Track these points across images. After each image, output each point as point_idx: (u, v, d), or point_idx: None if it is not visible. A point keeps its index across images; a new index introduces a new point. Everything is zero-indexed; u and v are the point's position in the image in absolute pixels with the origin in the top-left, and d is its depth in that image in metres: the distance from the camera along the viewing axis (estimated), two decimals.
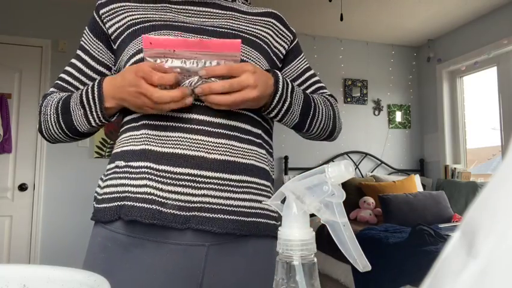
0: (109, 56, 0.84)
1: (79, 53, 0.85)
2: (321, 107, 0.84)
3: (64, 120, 0.76)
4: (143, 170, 0.70)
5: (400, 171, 4.30)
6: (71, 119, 0.75)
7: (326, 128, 0.86)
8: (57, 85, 0.85)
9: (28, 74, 3.31)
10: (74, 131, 0.78)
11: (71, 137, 0.81)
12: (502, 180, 0.18)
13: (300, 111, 0.79)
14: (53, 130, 0.79)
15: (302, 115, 0.80)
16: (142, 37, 0.66)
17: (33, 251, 3.19)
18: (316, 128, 0.84)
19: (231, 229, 0.70)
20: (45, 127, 0.80)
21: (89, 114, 0.73)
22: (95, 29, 0.83)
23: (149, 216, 0.67)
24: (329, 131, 0.87)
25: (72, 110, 0.75)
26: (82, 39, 0.86)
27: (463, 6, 3.57)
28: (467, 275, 0.18)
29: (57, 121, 0.77)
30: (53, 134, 0.80)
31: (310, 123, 0.82)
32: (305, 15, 3.73)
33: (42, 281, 0.42)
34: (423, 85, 4.50)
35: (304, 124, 0.82)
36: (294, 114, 0.78)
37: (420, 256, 2.24)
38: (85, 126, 0.76)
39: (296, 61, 0.93)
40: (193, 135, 0.70)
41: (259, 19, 0.87)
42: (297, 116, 0.79)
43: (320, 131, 0.86)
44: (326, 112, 0.85)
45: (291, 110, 0.77)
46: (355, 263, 0.35)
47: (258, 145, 0.78)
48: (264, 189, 0.77)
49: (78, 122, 0.75)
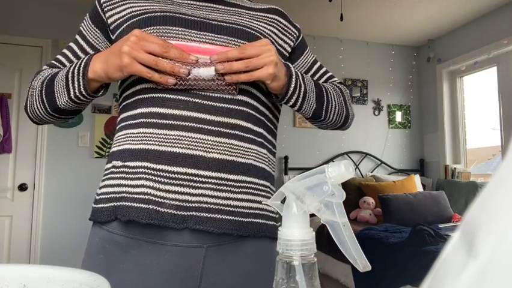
0: (106, 44, 0.84)
1: (77, 37, 0.86)
2: (333, 92, 0.86)
3: (45, 92, 0.76)
4: (141, 170, 0.69)
5: (400, 171, 4.30)
6: (53, 90, 0.75)
7: (341, 113, 0.87)
8: (50, 64, 0.85)
9: (28, 74, 3.31)
10: (54, 105, 0.76)
11: (50, 114, 0.79)
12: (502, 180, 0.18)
13: (315, 97, 0.80)
14: (35, 105, 0.78)
15: (317, 102, 0.81)
16: None
17: (33, 251, 3.19)
18: (332, 114, 0.85)
19: (228, 229, 0.69)
20: (30, 102, 0.80)
21: (70, 84, 0.72)
22: (95, 16, 0.83)
23: (147, 216, 0.66)
24: (344, 116, 0.89)
25: (56, 81, 0.75)
26: (82, 24, 0.86)
27: (463, 6, 3.57)
28: (467, 275, 0.18)
29: (40, 94, 0.77)
30: (35, 109, 0.79)
31: (326, 109, 0.83)
32: (305, 15, 3.73)
33: (42, 281, 0.42)
34: (423, 85, 4.50)
35: (321, 111, 0.82)
36: (311, 100, 0.79)
37: (420, 256, 2.24)
38: (64, 98, 0.74)
39: (303, 56, 0.94)
40: (192, 134, 0.69)
41: (263, 15, 0.86)
42: (313, 103, 0.80)
43: (336, 118, 0.87)
44: (338, 98, 0.87)
45: (307, 95, 0.78)
46: (355, 263, 0.35)
47: (259, 144, 0.76)
48: (263, 189, 0.76)
49: (58, 93, 0.74)
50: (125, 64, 0.66)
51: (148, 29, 0.74)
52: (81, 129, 3.40)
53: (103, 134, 3.45)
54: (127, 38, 0.66)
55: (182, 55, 0.67)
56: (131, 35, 0.66)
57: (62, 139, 3.35)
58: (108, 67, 0.69)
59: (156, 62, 0.65)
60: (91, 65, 0.71)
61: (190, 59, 0.67)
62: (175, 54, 0.66)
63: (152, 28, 0.74)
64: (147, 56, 0.65)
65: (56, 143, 3.33)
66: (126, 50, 0.65)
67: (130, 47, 0.65)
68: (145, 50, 0.65)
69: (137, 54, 0.65)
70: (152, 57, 0.65)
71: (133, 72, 0.67)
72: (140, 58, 0.65)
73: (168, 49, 0.66)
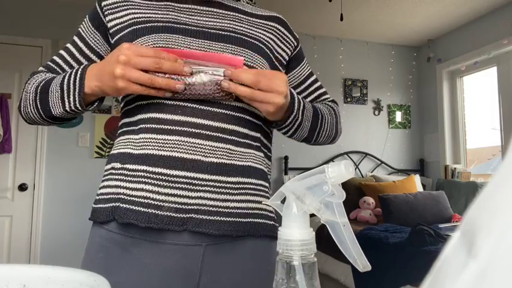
0: (105, 47, 0.83)
1: (75, 39, 0.85)
2: (327, 117, 0.87)
3: (40, 100, 0.75)
4: (140, 174, 0.69)
5: (400, 171, 4.30)
6: (47, 100, 0.74)
7: (329, 135, 0.90)
8: (47, 65, 0.84)
9: (28, 74, 3.28)
10: (48, 113, 0.75)
11: (45, 119, 0.78)
12: (502, 180, 0.18)
13: (309, 127, 0.82)
14: (29, 109, 0.78)
15: (310, 130, 0.83)
16: None
17: (33, 251, 3.19)
18: (322, 137, 0.88)
19: (227, 231, 0.70)
20: (24, 105, 0.79)
21: (66, 97, 0.71)
22: (95, 19, 0.82)
23: (146, 220, 0.67)
24: (332, 137, 0.91)
25: (50, 91, 0.74)
26: (81, 26, 0.85)
27: (462, 6, 3.57)
28: (467, 275, 0.18)
29: (34, 100, 0.76)
30: (29, 113, 0.78)
31: (317, 135, 0.86)
32: (305, 15, 3.73)
33: (42, 281, 0.42)
34: (423, 85, 4.50)
35: (311, 138, 0.85)
36: (304, 130, 0.82)
37: (420, 256, 2.24)
38: (59, 109, 0.73)
39: (299, 67, 0.93)
40: (190, 139, 0.70)
41: (263, 23, 0.86)
42: (306, 132, 0.82)
43: (324, 139, 0.90)
44: (331, 121, 0.88)
45: (301, 126, 0.80)
46: (355, 263, 0.35)
47: (256, 148, 0.78)
48: (261, 189, 0.77)
49: (53, 103, 0.73)
50: (121, 88, 0.65)
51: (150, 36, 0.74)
52: (81, 129, 3.40)
53: (103, 134, 3.44)
54: (117, 57, 0.64)
55: (175, 68, 0.65)
56: (121, 53, 0.64)
57: (62, 139, 3.35)
58: (103, 87, 0.68)
59: (151, 81, 0.64)
60: (87, 81, 0.70)
61: (184, 71, 0.65)
62: (169, 68, 0.64)
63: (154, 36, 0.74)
64: (141, 75, 0.64)
65: (56, 143, 3.33)
66: (119, 74, 0.63)
67: (123, 70, 0.63)
68: (138, 68, 0.64)
69: (131, 76, 0.63)
70: (147, 77, 0.64)
71: (129, 93, 0.67)
72: (135, 78, 0.64)
73: (161, 64, 0.64)
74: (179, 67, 0.65)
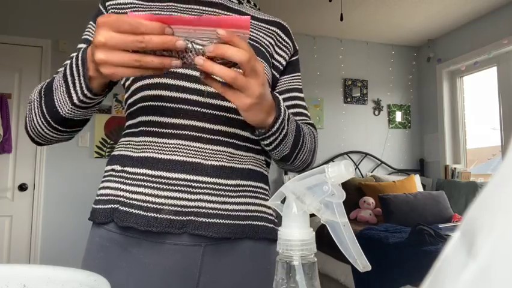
0: None
1: (81, 46, 0.78)
2: (308, 139, 0.78)
3: (45, 102, 0.67)
4: (140, 177, 0.70)
5: (400, 171, 4.30)
6: (52, 98, 0.65)
7: (306, 160, 0.81)
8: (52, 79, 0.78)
9: (28, 74, 3.31)
10: (56, 115, 0.66)
11: (54, 127, 0.69)
12: (502, 180, 0.18)
13: (292, 141, 0.72)
14: (35, 120, 0.70)
15: (293, 146, 0.73)
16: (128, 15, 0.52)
17: (33, 251, 3.19)
18: (299, 160, 0.78)
19: (226, 233, 0.70)
20: (29, 118, 0.71)
21: (71, 86, 0.62)
22: None
23: (145, 224, 0.67)
24: (307, 164, 0.82)
25: (55, 88, 0.65)
26: (86, 32, 0.81)
27: (462, 6, 3.57)
28: (467, 275, 0.17)
29: (39, 106, 0.68)
30: (36, 126, 0.70)
31: (296, 155, 0.76)
32: (305, 15, 3.73)
33: (42, 281, 0.42)
34: (423, 85, 4.50)
35: (291, 156, 0.75)
36: (287, 145, 0.71)
37: (420, 256, 2.24)
38: (67, 105, 0.64)
39: (291, 76, 0.88)
40: (192, 143, 0.70)
41: (264, 26, 0.85)
42: (289, 147, 0.72)
43: (301, 164, 0.80)
44: (310, 145, 0.80)
45: (286, 138, 0.70)
46: (355, 263, 0.35)
47: (256, 151, 0.78)
48: (261, 191, 0.78)
49: (59, 100, 0.64)
50: (108, 75, 0.54)
51: None
52: None
53: (103, 134, 3.44)
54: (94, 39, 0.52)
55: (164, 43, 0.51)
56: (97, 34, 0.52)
57: None
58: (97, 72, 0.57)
59: (140, 63, 0.52)
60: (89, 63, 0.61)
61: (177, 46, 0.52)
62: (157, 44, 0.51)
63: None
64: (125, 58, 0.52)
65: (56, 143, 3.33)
66: (99, 59, 0.52)
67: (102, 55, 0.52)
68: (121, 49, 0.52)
69: (113, 60, 0.52)
70: (133, 58, 0.52)
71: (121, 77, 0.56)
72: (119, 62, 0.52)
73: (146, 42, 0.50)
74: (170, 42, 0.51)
